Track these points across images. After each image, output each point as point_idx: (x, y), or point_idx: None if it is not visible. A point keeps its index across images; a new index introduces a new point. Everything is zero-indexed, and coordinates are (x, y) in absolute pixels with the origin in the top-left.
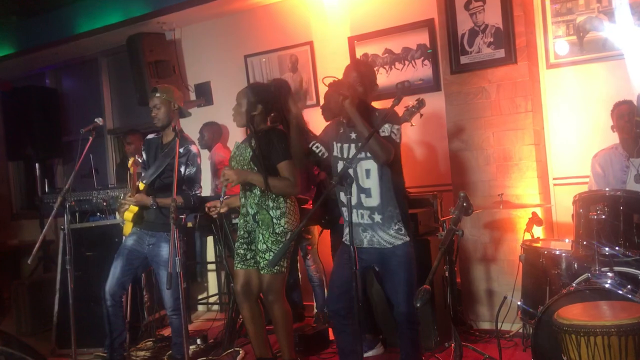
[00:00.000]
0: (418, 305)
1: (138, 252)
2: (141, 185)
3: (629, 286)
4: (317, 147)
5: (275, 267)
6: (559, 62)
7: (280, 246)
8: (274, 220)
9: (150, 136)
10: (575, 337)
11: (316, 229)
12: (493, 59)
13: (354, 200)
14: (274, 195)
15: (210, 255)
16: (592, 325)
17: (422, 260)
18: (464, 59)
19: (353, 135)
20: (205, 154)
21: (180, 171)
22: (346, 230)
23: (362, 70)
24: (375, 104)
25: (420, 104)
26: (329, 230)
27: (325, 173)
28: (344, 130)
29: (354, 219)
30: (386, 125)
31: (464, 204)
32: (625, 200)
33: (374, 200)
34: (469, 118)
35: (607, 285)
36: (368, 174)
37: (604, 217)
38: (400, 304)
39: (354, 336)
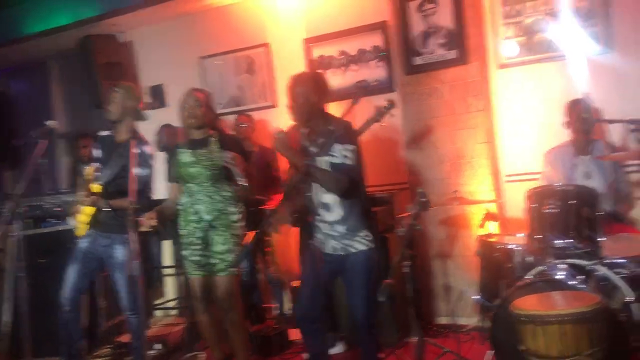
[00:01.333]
0: (381, 299)
1: (93, 254)
2: (96, 188)
3: (580, 276)
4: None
5: (233, 269)
6: (509, 63)
7: (241, 247)
8: (234, 224)
9: (102, 133)
10: (532, 326)
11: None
12: (445, 60)
13: (317, 213)
14: (235, 201)
15: (168, 259)
16: (547, 314)
17: (381, 256)
18: (417, 60)
19: (314, 150)
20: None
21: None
22: (319, 235)
23: (304, 81)
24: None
25: (391, 105)
26: (297, 230)
27: None
28: (309, 144)
29: (319, 231)
30: (338, 148)
31: (423, 200)
32: (576, 195)
33: (336, 215)
34: (423, 118)
35: (559, 277)
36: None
37: (556, 211)
38: (359, 308)
39: (323, 339)
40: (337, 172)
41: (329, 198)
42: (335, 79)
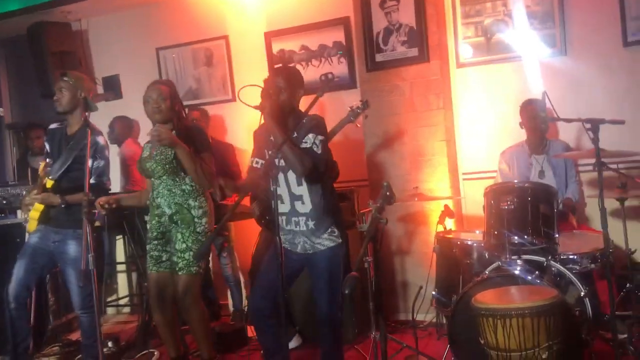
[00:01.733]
0: (347, 292)
1: (43, 250)
2: (49, 183)
3: (536, 272)
4: (256, 162)
5: (193, 268)
6: (467, 62)
7: (202, 244)
8: (196, 220)
9: (53, 125)
10: (492, 320)
11: (233, 226)
12: (407, 58)
13: (287, 208)
14: (196, 195)
15: (120, 255)
16: (507, 308)
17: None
18: (378, 57)
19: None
20: (114, 149)
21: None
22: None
23: (285, 75)
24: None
25: (365, 105)
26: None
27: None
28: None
29: (290, 227)
30: (309, 136)
31: (387, 193)
32: (533, 192)
33: (307, 207)
34: (384, 115)
35: (516, 272)
36: (299, 180)
37: (513, 207)
38: (323, 305)
39: (278, 335)
40: (304, 154)
41: (302, 190)
42: None
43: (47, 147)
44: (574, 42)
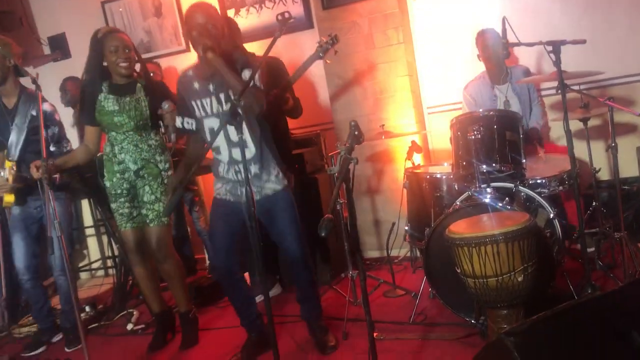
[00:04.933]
0: (323, 234)
1: (31, 216)
2: (7, 164)
3: (506, 199)
4: (188, 123)
5: (164, 219)
6: None
7: (169, 196)
8: (162, 173)
9: None
10: (467, 249)
11: (201, 180)
12: None
13: (226, 158)
14: (162, 149)
15: (87, 219)
16: (481, 235)
17: (312, 197)
18: None
19: (211, 88)
20: (69, 111)
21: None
22: (218, 185)
23: (209, 10)
24: (252, 46)
25: (334, 39)
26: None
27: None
28: (199, 85)
29: (231, 176)
30: (245, 72)
31: (356, 133)
32: (498, 119)
33: (249, 152)
34: (344, 54)
35: (487, 200)
36: (237, 126)
37: (479, 136)
38: (291, 246)
39: (246, 288)
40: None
41: (245, 134)
42: (251, 18)
43: None
44: None
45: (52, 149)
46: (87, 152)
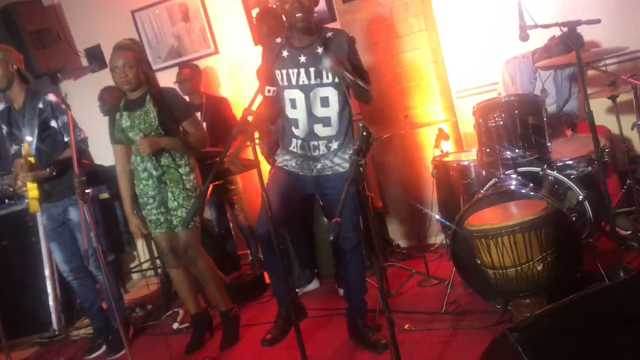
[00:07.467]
0: (332, 239)
1: (60, 225)
2: (32, 159)
3: (531, 184)
4: (268, 91)
5: (187, 224)
6: None
7: (191, 202)
8: (184, 177)
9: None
10: (484, 240)
11: (239, 179)
12: None
13: (303, 133)
14: (180, 154)
15: None
16: (498, 227)
17: None
18: None
19: (302, 59)
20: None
21: (54, 127)
22: (287, 157)
23: None
24: None
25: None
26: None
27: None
28: (289, 54)
29: (304, 152)
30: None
31: (364, 134)
32: (519, 104)
33: (332, 130)
34: (368, 45)
35: (512, 187)
36: (325, 102)
37: (501, 123)
38: (349, 230)
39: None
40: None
41: (329, 112)
42: None
43: (5, 129)
44: None
45: (66, 139)
46: (125, 173)
